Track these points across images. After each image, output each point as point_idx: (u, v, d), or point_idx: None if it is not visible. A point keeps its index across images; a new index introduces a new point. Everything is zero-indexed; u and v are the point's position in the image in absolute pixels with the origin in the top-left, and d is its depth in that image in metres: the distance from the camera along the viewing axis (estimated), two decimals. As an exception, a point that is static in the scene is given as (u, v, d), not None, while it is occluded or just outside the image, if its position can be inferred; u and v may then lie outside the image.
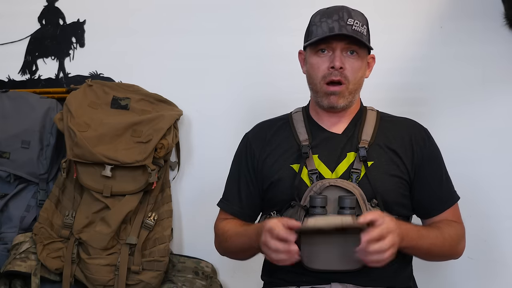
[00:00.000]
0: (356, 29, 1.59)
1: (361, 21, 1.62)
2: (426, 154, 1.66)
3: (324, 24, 1.60)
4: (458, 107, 2.16)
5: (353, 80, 1.62)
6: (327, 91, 1.62)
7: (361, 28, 1.61)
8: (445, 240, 1.59)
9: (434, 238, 1.57)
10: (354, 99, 1.66)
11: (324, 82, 1.62)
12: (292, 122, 1.73)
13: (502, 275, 2.13)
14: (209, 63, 2.31)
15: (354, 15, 1.61)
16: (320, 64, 1.63)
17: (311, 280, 1.56)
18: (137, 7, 2.38)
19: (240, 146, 1.79)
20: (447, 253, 1.65)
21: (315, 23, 1.64)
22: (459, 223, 1.66)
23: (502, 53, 2.14)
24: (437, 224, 1.63)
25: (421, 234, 1.55)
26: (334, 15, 1.60)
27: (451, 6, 2.18)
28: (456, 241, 1.63)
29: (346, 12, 1.61)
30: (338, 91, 1.62)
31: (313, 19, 1.66)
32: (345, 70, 1.61)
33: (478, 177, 2.10)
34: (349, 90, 1.63)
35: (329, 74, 1.61)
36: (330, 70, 1.61)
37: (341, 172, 1.60)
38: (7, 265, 2.15)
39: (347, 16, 1.60)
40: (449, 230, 1.61)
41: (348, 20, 1.59)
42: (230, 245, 1.69)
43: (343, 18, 1.59)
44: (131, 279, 2.12)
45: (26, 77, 2.43)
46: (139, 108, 2.26)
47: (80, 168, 2.17)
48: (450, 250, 1.63)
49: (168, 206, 2.23)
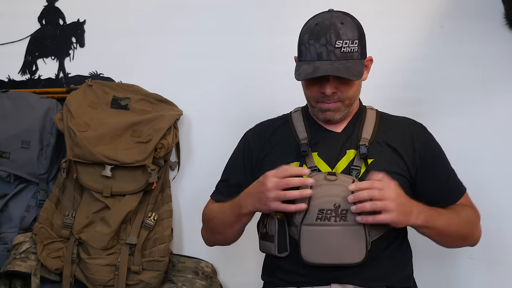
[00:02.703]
0: (345, 51, 1.55)
1: (351, 37, 1.57)
2: (429, 150, 1.67)
3: (312, 47, 1.57)
4: (458, 107, 2.16)
5: (348, 97, 1.62)
6: (322, 108, 1.63)
7: (351, 47, 1.56)
8: (461, 221, 1.61)
9: (449, 219, 1.59)
10: (352, 109, 1.67)
11: (318, 101, 1.63)
12: (291, 121, 1.73)
13: (502, 275, 2.13)
14: (209, 63, 2.31)
15: (343, 32, 1.56)
16: (312, 87, 1.63)
17: (311, 281, 1.57)
18: (137, 7, 2.38)
19: (239, 144, 1.81)
20: (465, 234, 1.66)
21: (303, 42, 1.60)
22: (472, 207, 1.69)
23: (502, 53, 2.14)
24: (452, 207, 1.65)
25: (437, 211, 1.57)
26: (322, 38, 1.55)
27: (451, 6, 2.18)
28: (473, 223, 1.66)
29: (334, 32, 1.55)
30: (333, 108, 1.63)
31: (302, 36, 1.62)
32: (338, 92, 1.61)
33: (478, 177, 2.10)
34: (345, 105, 1.64)
35: (322, 97, 1.62)
36: (322, 94, 1.61)
37: (341, 169, 1.61)
38: (7, 265, 2.15)
39: (335, 38, 1.55)
40: (465, 212, 1.64)
41: (336, 43, 1.55)
42: (216, 223, 1.72)
43: (330, 42, 1.55)
44: (131, 279, 2.12)
45: (26, 77, 2.43)
46: (139, 108, 2.26)
47: (80, 168, 2.17)
48: (467, 232, 1.65)
49: (168, 206, 2.23)
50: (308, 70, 1.56)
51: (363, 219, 1.48)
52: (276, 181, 1.50)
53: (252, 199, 1.57)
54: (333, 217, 1.50)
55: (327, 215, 1.51)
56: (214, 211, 1.75)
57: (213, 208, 1.75)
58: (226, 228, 1.71)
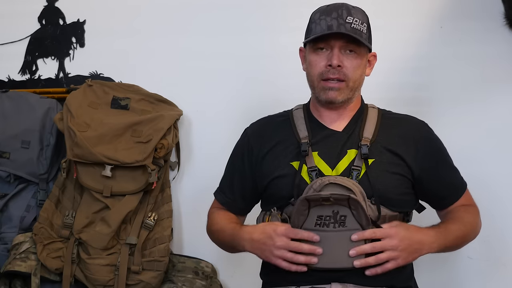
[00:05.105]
0: (355, 27, 1.58)
1: (361, 18, 1.61)
2: (432, 148, 1.68)
3: (323, 21, 1.60)
4: (458, 107, 2.16)
5: (352, 78, 1.62)
6: (325, 86, 1.63)
7: (360, 26, 1.60)
8: (467, 229, 1.66)
9: (457, 232, 1.63)
10: (354, 96, 1.66)
11: (321, 79, 1.63)
12: (292, 119, 1.73)
13: (502, 275, 2.13)
14: (210, 63, 2.31)
15: (354, 12, 1.61)
16: (318, 62, 1.63)
17: (311, 280, 1.56)
18: (137, 7, 2.38)
19: (238, 141, 1.81)
20: (470, 239, 1.71)
21: (314, 20, 1.64)
22: (473, 205, 1.72)
23: (502, 53, 2.14)
24: (455, 214, 1.68)
25: (446, 230, 1.61)
26: (333, 13, 1.60)
27: (451, 6, 2.18)
28: (475, 225, 1.70)
29: (346, 9, 1.60)
30: (337, 87, 1.62)
31: (312, 16, 1.66)
32: (344, 68, 1.61)
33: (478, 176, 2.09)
34: (349, 87, 1.63)
35: (327, 72, 1.61)
36: (328, 68, 1.61)
37: (342, 170, 1.60)
38: (7, 265, 2.15)
39: (346, 14, 1.59)
40: (468, 217, 1.67)
41: (347, 18, 1.58)
42: (217, 238, 1.77)
43: (342, 16, 1.59)
44: (131, 279, 2.12)
45: (26, 77, 2.43)
46: (139, 108, 2.25)
47: (80, 168, 2.17)
48: (472, 236, 1.71)
49: (168, 206, 2.23)
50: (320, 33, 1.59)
51: (372, 271, 1.51)
52: (286, 242, 1.52)
53: (254, 246, 1.59)
54: (332, 223, 1.51)
55: (325, 221, 1.51)
56: (216, 228, 1.77)
57: (217, 224, 1.76)
58: (226, 247, 1.77)
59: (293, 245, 1.51)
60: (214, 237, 1.79)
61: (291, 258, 1.52)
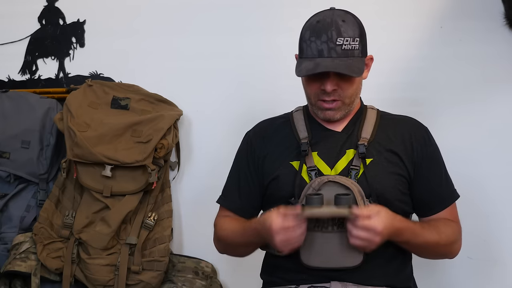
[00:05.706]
0: (346, 48, 1.55)
1: (352, 34, 1.57)
2: (426, 153, 1.67)
3: (313, 44, 1.57)
4: (458, 107, 2.16)
5: (348, 95, 1.62)
6: (321, 106, 1.63)
7: (352, 44, 1.56)
8: (441, 239, 1.60)
9: (428, 236, 1.58)
10: (352, 107, 1.67)
11: (318, 99, 1.63)
12: (292, 120, 1.73)
13: (501, 275, 2.13)
14: (209, 63, 2.31)
15: (344, 30, 1.56)
16: (312, 84, 1.62)
17: (311, 279, 1.57)
18: (137, 7, 2.38)
19: (241, 144, 1.80)
20: (442, 252, 1.66)
21: (304, 40, 1.60)
22: (456, 222, 1.67)
23: (502, 53, 2.14)
24: (434, 223, 1.63)
25: (415, 232, 1.57)
26: (323, 35, 1.56)
27: (451, 6, 2.18)
28: (452, 240, 1.64)
29: (336, 30, 1.55)
30: (334, 107, 1.62)
31: (303, 33, 1.62)
32: (339, 89, 1.60)
33: (478, 177, 2.10)
34: (346, 104, 1.63)
35: (322, 94, 1.61)
36: (323, 91, 1.61)
37: (341, 169, 1.61)
38: (7, 265, 2.15)
39: (336, 35, 1.55)
40: (446, 229, 1.62)
41: (337, 40, 1.55)
42: (229, 243, 1.72)
43: (332, 38, 1.55)
44: (131, 279, 2.12)
45: (26, 77, 2.43)
46: (139, 108, 2.25)
47: (80, 168, 2.17)
48: (444, 249, 1.65)
49: (168, 206, 2.23)
50: (309, 66, 1.56)
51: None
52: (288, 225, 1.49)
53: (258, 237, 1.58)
54: (330, 225, 1.52)
55: (324, 223, 1.52)
56: (226, 233, 1.71)
57: (226, 229, 1.71)
58: (240, 248, 1.73)
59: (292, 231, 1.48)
60: (224, 243, 1.74)
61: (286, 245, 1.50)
